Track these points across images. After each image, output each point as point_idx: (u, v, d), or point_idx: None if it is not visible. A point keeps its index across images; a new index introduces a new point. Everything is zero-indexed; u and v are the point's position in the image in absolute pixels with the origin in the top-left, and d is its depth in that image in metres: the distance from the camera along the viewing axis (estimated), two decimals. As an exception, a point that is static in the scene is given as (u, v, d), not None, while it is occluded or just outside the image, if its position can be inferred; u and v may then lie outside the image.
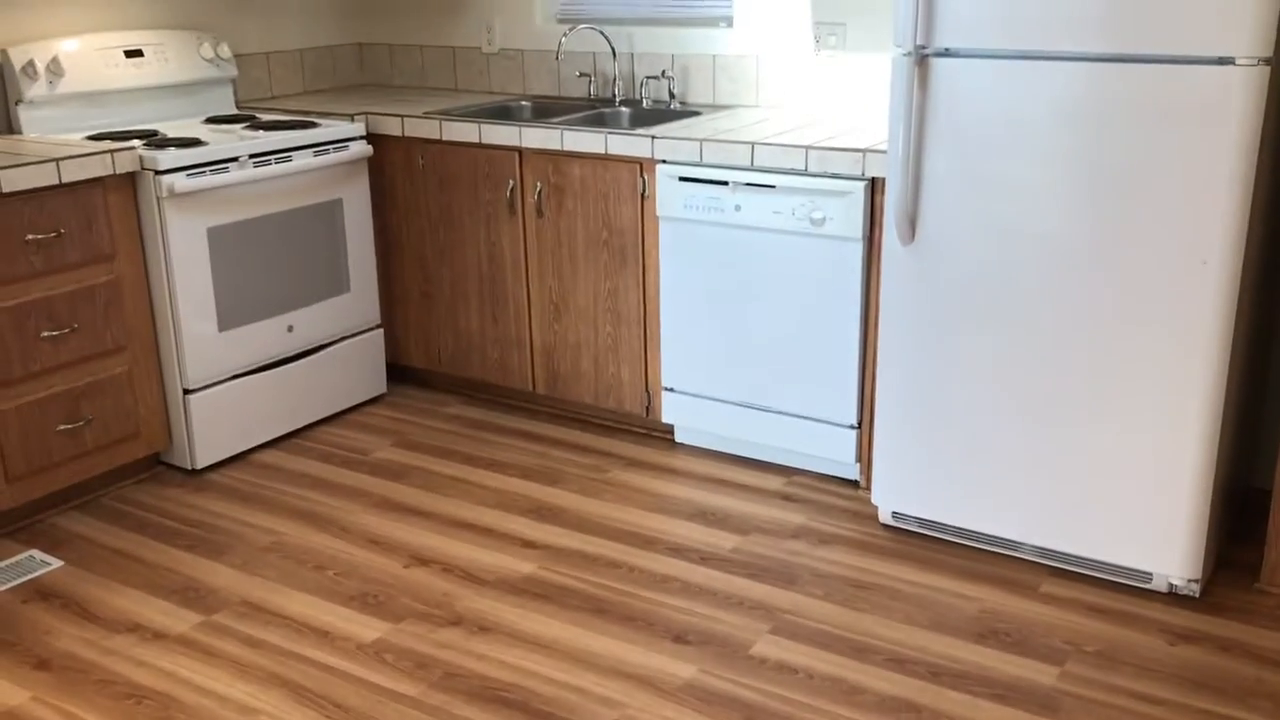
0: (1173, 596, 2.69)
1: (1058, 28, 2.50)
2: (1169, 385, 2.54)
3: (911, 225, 2.78)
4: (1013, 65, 2.57)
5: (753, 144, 3.13)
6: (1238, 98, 2.33)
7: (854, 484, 3.28)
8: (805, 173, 3.06)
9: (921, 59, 2.68)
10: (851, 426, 3.20)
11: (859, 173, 2.98)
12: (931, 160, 2.72)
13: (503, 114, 3.97)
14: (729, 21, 3.82)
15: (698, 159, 3.22)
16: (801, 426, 3.27)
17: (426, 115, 3.72)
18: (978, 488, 2.84)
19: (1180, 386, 2.52)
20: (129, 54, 3.63)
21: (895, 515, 3.02)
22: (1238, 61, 2.32)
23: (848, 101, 3.63)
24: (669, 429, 3.62)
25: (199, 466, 3.42)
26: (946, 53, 2.66)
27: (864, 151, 2.97)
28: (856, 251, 3.04)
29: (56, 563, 2.92)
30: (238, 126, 3.64)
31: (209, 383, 3.39)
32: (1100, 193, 2.52)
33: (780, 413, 3.30)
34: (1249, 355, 2.77)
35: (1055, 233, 2.60)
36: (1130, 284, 2.53)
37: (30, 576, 2.86)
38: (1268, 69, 2.32)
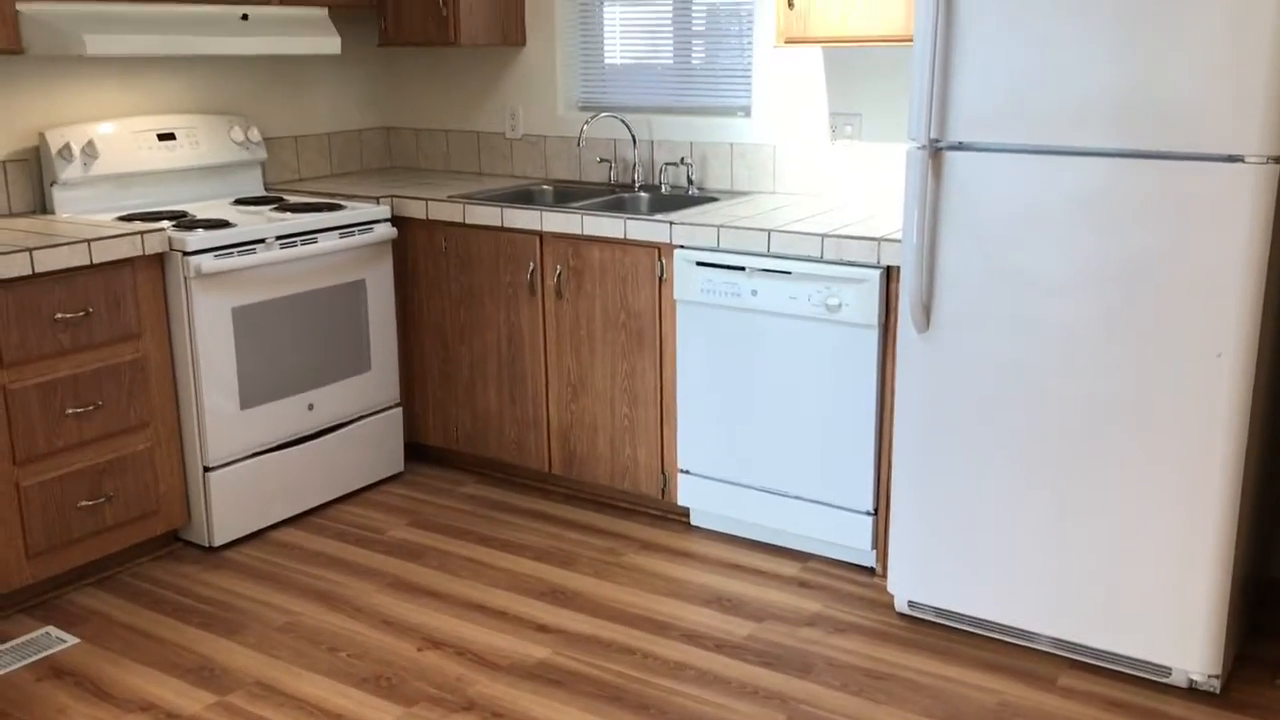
0: (1193, 692, 2.65)
1: (1069, 123, 2.54)
2: (1185, 477, 2.53)
3: (926, 314, 2.81)
4: (1025, 159, 2.62)
5: (769, 231, 3.17)
6: (1249, 195, 2.36)
7: (870, 571, 3.27)
8: (821, 260, 3.10)
9: (935, 152, 2.74)
10: (868, 513, 3.19)
11: (874, 261, 3.02)
12: (946, 250, 2.76)
13: (525, 198, 4.05)
14: (747, 111, 3.90)
15: (715, 244, 3.27)
16: (817, 512, 3.27)
17: (450, 199, 3.79)
18: (995, 577, 2.83)
19: (1196, 478, 2.52)
20: (162, 137, 3.73)
21: (911, 604, 3.00)
22: (1248, 159, 2.36)
23: (864, 189, 3.68)
24: (685, 512, 3.62)
25: (216, 544, 3.43)
26: (960, 146, 2.71)
27: (879, 240, 3.01)
28: (872, 338, 3.07)
29: (72, 640, 2.93)
30: (266, 208, 3.72)
31: (229, 460, 3.42)
32: (1114, 285, 2.55)
33: (796, 497, 3.30)
34: (1265, 446, 2.77)
35: (1070, 324, 2.62)
36: (1145, 375, 2.54)
37: (46, 654, 2.87)
38: (1277, 168, 2.35)
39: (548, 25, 4.21)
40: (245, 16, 3.67)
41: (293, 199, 3.92)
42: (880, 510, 3.18)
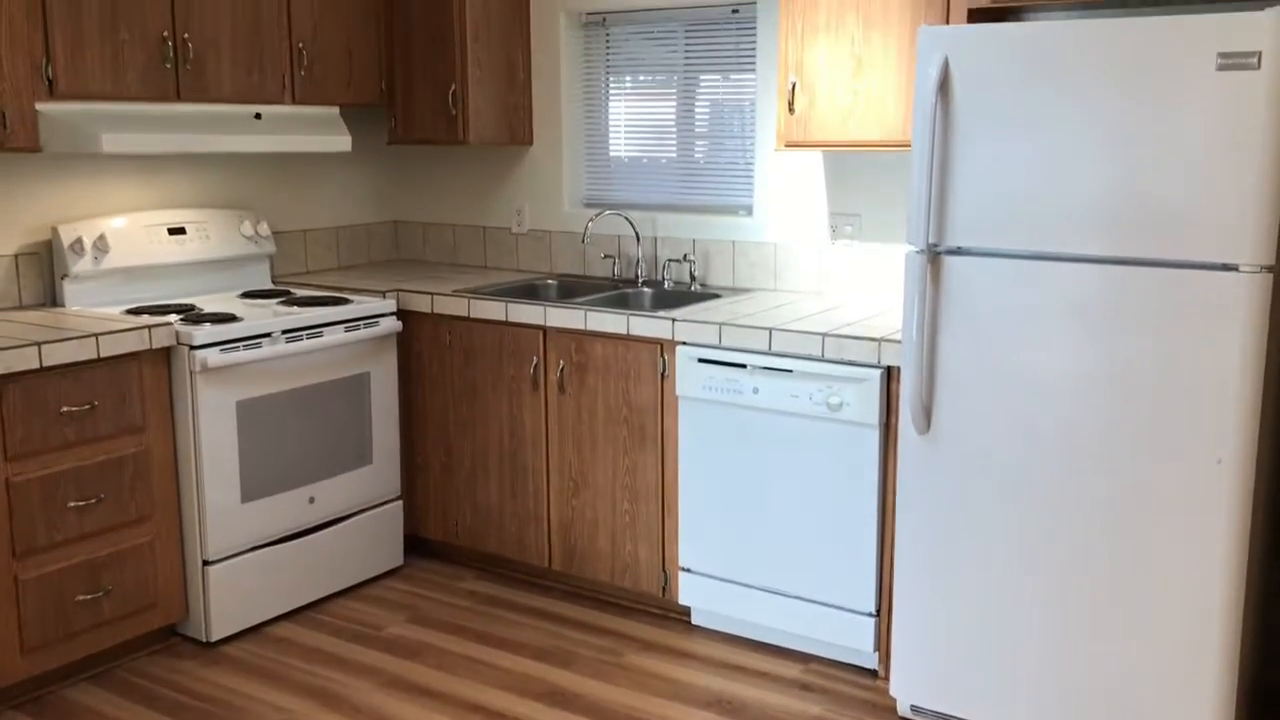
0: (1202, 803, 2.60)
1: (1065, 230, 2.59)
2: (1188, 583, 2.52)
3: (927, 415, 2.82)
4: (1022, 265, 2.66)
5: (770, 329, 3.21)
6: (1243, 303, 2.39)
7: (873, 673, 3.23)
8: (822, 359, 3.13)
9: (934, 256, 2.78)
10: (870, 614, 3.17)
11: (875, 361, 3.04)
12: (945, 352, 2.78)
13: (529, 293, 4.09)
14: (749, 210, 3.96)
15: (717, 341, 3.30)
16: (819, 613, 3.24)
17: (456, 293, 3.83)
18: (998, 682, 2.80)
19: (1199, 585, 2.51)
20: (173, 231, 3.79)
21: (914, 709, 2.96)
22: (1241, 269, 2.39)
23: (864, 288, 3.72)
24: (685, 610, 3.59)
25: (214, 639, 3.40)
26: (958, 251, 2.75)
27: (879, 340, 3.04)
28: (873, 438, 3.08)
29: (64, 738, 2.89)
30: (273, 301, 3.76)
31: (229, 554, 3.41)
32: (1113, 389, 2.56)
33: (798, 598, 3.28)
34: (1267, 552, 2.75)
35: (1070, 428, 2.63)
36: (1146, 480, 2.54)
37: (36, 752, 2.83)
38: (1270, 276, 2.39)
39: (555, 124, 4.30)
40: (259, 115, 3.76)
41: (300, 292, 3.96)
42: (883, 611, 3.16)
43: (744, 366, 3.25)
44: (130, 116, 3.40)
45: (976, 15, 3.13)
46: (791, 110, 3.41)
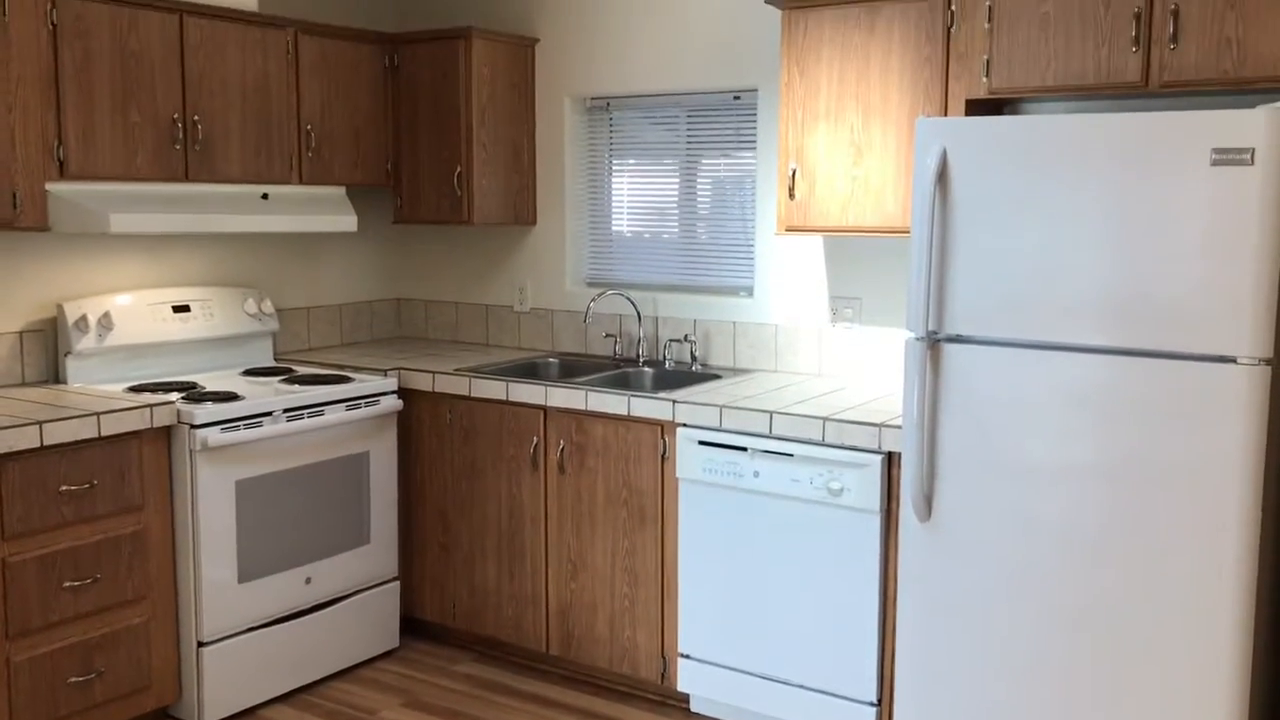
0: None
1: (1064, 320, 2.61)
2: (1191, 676, 2.49)
3: (928, 503, 2.82)
4: (1021, 353, 2.67)
5: (771, 412, 3.21)
6: (1241, 395, 2.40)
7: (874, 763, 3.18)
8: (823, 443, 3.13)
9: (934, 343, 2.79)
10: (871, 704, 3.13)
11: (876, 446, 3.04)
12: (946, 440, 2.78)
13: (530, 371, 4.11)
14: (749, 291, 3.99)
15: (718, 424, 3.30)
16: (819, 701, 3.20)
17: (457, 372, 3.85)
18: (1002, 776, 2.75)
19: (1203, 678, 2.48)
20: (177, 309, 3.81)
21: (917, 801, 2.91)
22: (1239, 361, 2.40)
23: (865, 371, 3.74)
24: (684, 698, 3.55)
25: (205, 722, 3.36)
26: (958, 339, 2.76)
27: (880, 426, 3.04)
28: (874, 524, 3.06)
29: (50, 826, 2.84)
30: (274, 379, 3.77)
31: (224, 635, 3.38)
32: (1113, 480, 2.56)
33: (798, 685, 3.23)
34: (1270, 645, 2.73)
35: (1070, 518, 2.62)
36: (1147, 571, 2.53)
37: (22, 841, 2.77)
38: (1269, 369, 2.40)
39: (558, 204, 4.35)
40: (266, 196, 3.81)
41: (301, 369, 3.97)
42: (884, 701, 3.11)
43: (745, 449, 3.25)
44: (138, 197, 3.44)
45: (974, 105, 3.18)
46: (792, 196, 3.45)
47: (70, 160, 3.27)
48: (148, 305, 3.74)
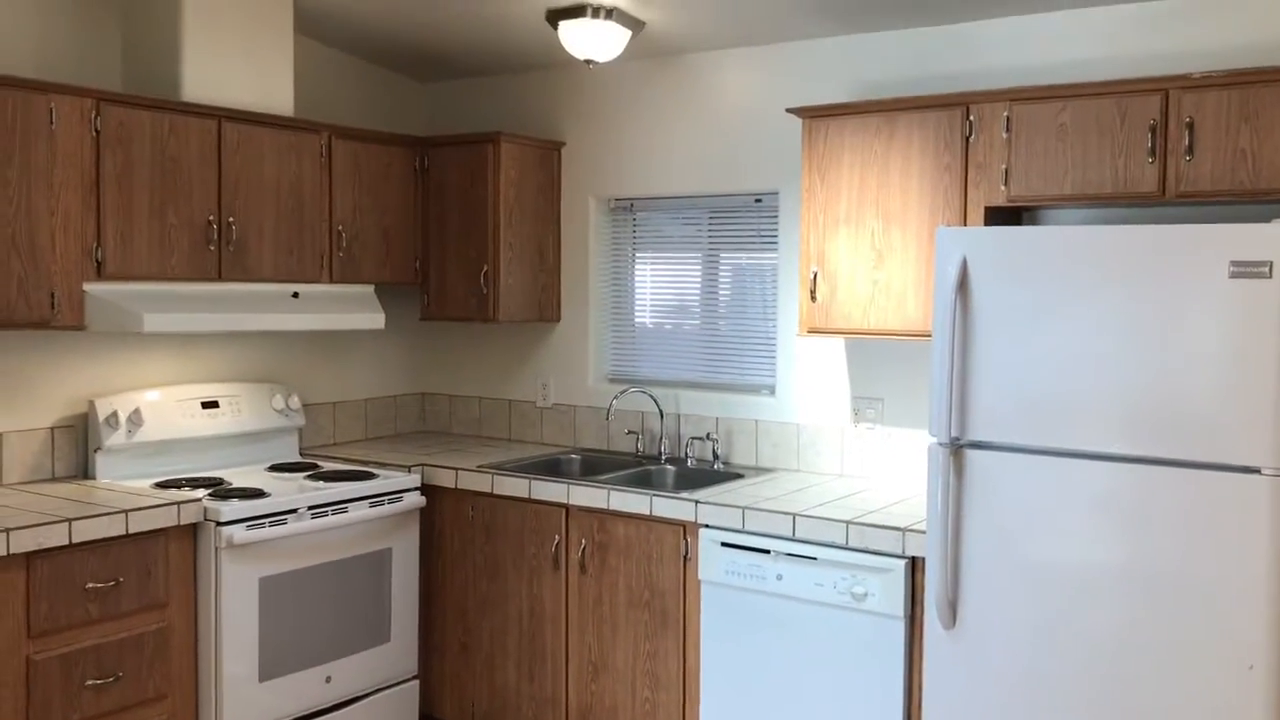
0: None
1: (1087, 428, 2.62)
2: (1227, 794, 2.45)
3: (952, 610, 2.80)
4: (1044, 460, 2.68)
5: (794, 515, 3.21)
6: (1266, 506, 2.39)
7: None
8: (846, 547, 3.12)
9: (956, 449, 2.80)
10: (896, 814, 3.07)
11: (900, 550, 3.03)
12: (970, 547, 2.78)
13: (552, 468, 4.12)
14: (771, 390, 4.02)
15: (740, 525, 3.30)
16: (844, 810, 3.15)
17: (480, 469, 3.87)
18: None
19: (1239, 797, 2.44)
20: (206, 405, 3.86)
21: None
22: (1264, 471, 2.40)
23: (888, 471, 3.74)
24: (706, 803, 3.49)
25: (221, 825, 3.32)
26: (981, 445, 2.77)
27: (904, 530, 3.03)
28: (899, 630, 3.04)
29: None
30: (300, 475, 3.80)
31: (242, 734, 3.36)
32: (1138, 590, 2.54)
33: (822, 793, 3.19)
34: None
35: (1096, 628, 2.60)
36: (1174, 687, 2.50)
37: None
38: (1295, 480, 2.40)
39: (581, 301, 4.41)
40: (296, 294, 3.88)
41: (326, 465, 4.01)
42: (910, 811, 3.06)
43: (768, 552, 3.25)
44: (172, 296, 3.51)
45: (993, 211, 3.23)
46: (813, 298, 3.50)
47: (108, 261, 3.35)
48: (177, 401, 3.79)
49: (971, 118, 3.22)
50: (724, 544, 3.32)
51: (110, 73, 3.70)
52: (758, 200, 4.02)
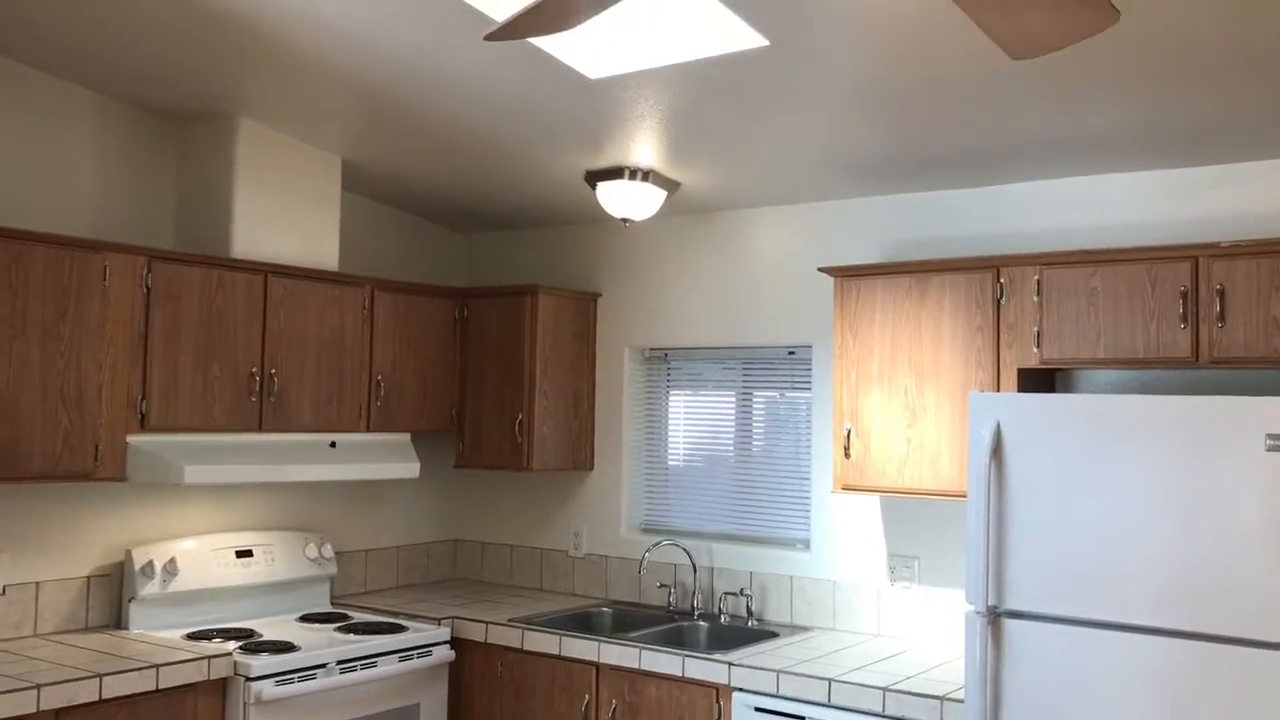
0: None
1: (1124, 600, 2.57)
2: None
3: (994, 787, 2.71)
4: (1083, 632, 2.62)
5: (830, 680, 3.14)
6: (1319, 689, 2.32)
7: None
8: (883, 715, 3.04)
9: (994, 618, 2.75)
10: None
11: (938, 719, 2.96)
12: (1009, 717, 2.70)
13: (583, 622, 4.07)
14: (806, 545, 3.98)
15: (774, 690, 3.23)
16: None
17: (510, 623, 3.83)
18: None
19: None
20: (240, 554, 3.87)
21: None
22: (1314, 652, 2.34)
23: (925, 632, 3.66)
24: None
25: None
26: (1018, 614, 2.72)
27: (941, 699, 2.96)
28: (938, 805, 2.94)
29: None
30: (330, 626, 3.78)
31: None
32: (1189, 772, 2.46)
33: None
34: None
35: (1146, 811, 2.50)
36: None
37: None
38: (1346, 662, 2.33)
39: (615, 449, 4.42)
40: (334, 444, 3.92)
41: (356, 616, 3.98)
42: None
43: (803, 719, 3.17)
44: (212, 448, 3.56)
45: (1026, 373, 3.24)
46: (847, 455, 3.49)
47: (151, 413, 3.42)
48: (212, 550, 3.81)
49: (1002, 280, 3.25)
50: (758, 709, 3.25)
51: (164, 229, 3.83)
52: (791, 353, 4.06)
